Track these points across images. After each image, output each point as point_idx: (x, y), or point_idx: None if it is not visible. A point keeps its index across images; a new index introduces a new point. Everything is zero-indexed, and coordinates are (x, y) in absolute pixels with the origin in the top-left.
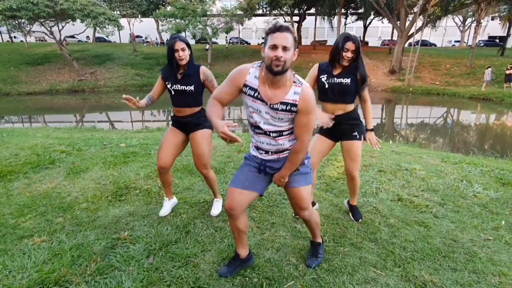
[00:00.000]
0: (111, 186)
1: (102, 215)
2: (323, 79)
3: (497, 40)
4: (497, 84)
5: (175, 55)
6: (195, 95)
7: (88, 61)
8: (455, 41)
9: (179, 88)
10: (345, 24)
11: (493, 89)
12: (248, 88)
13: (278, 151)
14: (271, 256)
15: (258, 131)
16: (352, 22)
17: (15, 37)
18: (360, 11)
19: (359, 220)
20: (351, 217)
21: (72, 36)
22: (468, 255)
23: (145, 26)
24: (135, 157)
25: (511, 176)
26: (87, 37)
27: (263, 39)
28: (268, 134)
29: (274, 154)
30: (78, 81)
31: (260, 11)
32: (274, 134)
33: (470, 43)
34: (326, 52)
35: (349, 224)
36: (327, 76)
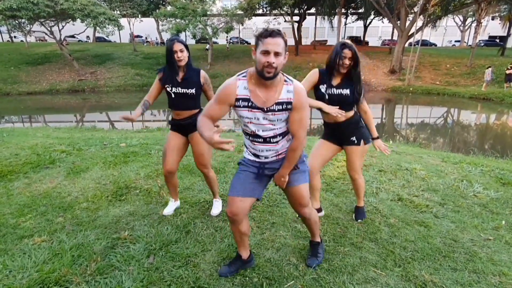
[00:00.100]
0: (111, 185)
1: (103, 215)
2: (323, 90)
3: (497, 40)
4: (497, 84)
5: (174, 56)
6: (195, 98)
7: (88, 61)
8: (456, 41)
9: (180, 91)
10: (345, 24)
11: (493, 89)
12: (240, 100)
13: (278, 153)
14: (271, 256)
15: (257, 140)
16: (352, 22)
17: (15, 37)
18: (360, 11)
19: (358, 220)
20: (354, 217)
21: (72, 36)
22: (469, 255)
23: (145, 26)
24: (135, 157)
25: (511, 176)
26: (87, 37)
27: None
28: (268, 141)
29: (274, 156)
30: (78, 81)
31: (260, 11)
32: (274, 139)
33: (470, 43)
34: (327, 52)
35: (349, 224)
36: (326, 86)
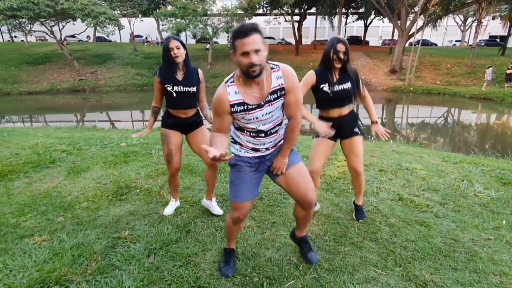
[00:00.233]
0: (111, 185)
1: (103, 215)
2: (325, 89)
3: (498, 40)
4: (498, 84)
5: (171, 53)
6: (195, 96)
7: (88, 60)
8: (456, 40)
9: (182, 90)
10: (345, 24)
11: (494, 88)
12: (236, 106)
13: (276, 142)
14: (271, 255)
15: (260, 135)
16: (353, 22)
17: (15, 36)
18: (360, 10)
19: (360, 220)
20: (354, 216)
21: (73, 36)
22: (469, 254)
23: (145, 26)
24: (135, 156)
25: None
26: (88, 36)
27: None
28: (270, 133)
29: (273, 147)
30: (79, 80)
31: (261, 11)
32: (274, 130)
33: (471, 42)
34: None
35: (349, 223)
36: (328, 85)
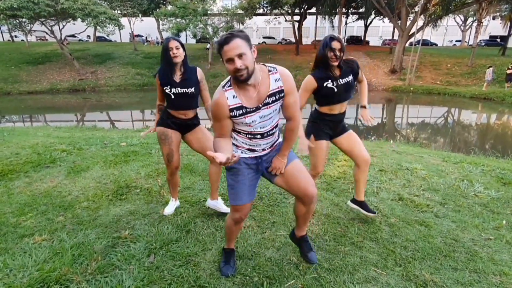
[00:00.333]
0: (111, 185)
1: (103, 214)
2: (330, 85)
3: (498, 40)
4: (498, 84)
5: (170, 53)
6: (195, 97)
7: (88, 60)
8: (456, 40)
9: (180, 91)
10: (346, 24)
11: (494, 88)
12: (235, 110)
13: (273, 144)
14: (271, 255)
15: (257, 137)
16: (353, 22)
17: (16, 36)
18: (361, 10)
19: (376, 213)
20: (366, 213)
21: (73, 35)
22: (469, 254)
23: (145, 25)
24: (135, 156)
25: None
26: (88, 36)
27: (264, 38)
28: (267, 135)
29: (269, 148)
30: (79, 80)
31: (261, 11)
32: (271, 131)
33: (471, 42)
34: None
35: (349, 223)
36: (331, 81)
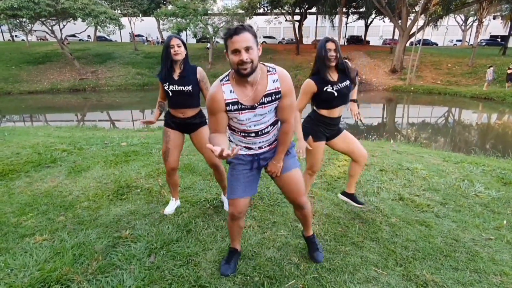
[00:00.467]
0: (112, 185)
1: (104, 214)
2: (329, 89)
3: (498, 39)
4: (498, 84)
5: (171, 51)
6: (193, 96)
7: (89, 60)
8: (457, 40)
9: (177, 89)
10: (346, 23)
11: (494, 88)
12: (230, 105)
13: (271, 142)
14: (272, 255)
15: (251, 135)
16: (354, 21)
17: (16, 36)
18: (361, 10)
19: (365, 204)
20: (356, 204)
21: (73, 35)
22: (470, 254)
23: (146, 25)
24: (136, 156)
25: None
26: (88, 36)
27: (264, 38)
28: (261, 133)
29: (267, 146)
30: (79, 80)
31: (261, 10)
32: (266, 130)
33: (471, 42)
34: None
35: (350, 223)
36: (331, 85)
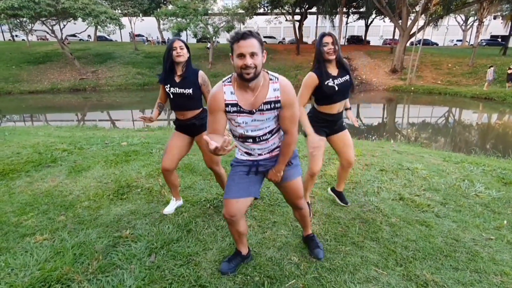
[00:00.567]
0: (112, 184)
1: (104, 214)
2: (330, 84)
3: (499, 39)
4: (499, 84)
5: (173, 53)
6: (193, 98)
7: (89, 60)
8: (457, 40)
9: (178, 91)
10: (346, 23)
11: (495, 88)
12: (230, 106)
13: (271, 150)
14: (272, 254)
15: (248, 141)
16: (354, 21)
17: (16, 35)
18: (361, 10)
19: (349, 204)
20: (340, 202)
21: (74, 35)
22: (470, 254)
23: (146, 25)
24: (136, 155)
25: None
26: (89, 35)
27: (264, 37)
28: (259, 140)
29: (267, 154)
30: (80, 80)
31: (262, 10)
32: (264, 137)
33: (472, 42)
34: None
35: (350, 223)
36: (332, 79)
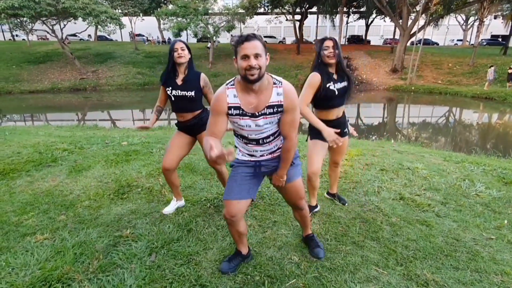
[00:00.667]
0: (113, 184)
1: (104, 213)
2: (331, 87)
3: (499, 39)
4: (499, 83)
5: (174, 54)
6: (195, 101)
7: (89, 59)
8: (458, 40)
9: (180, 94)
10: (347, 23)
11: (495, 88)
12: (232, 109)
13: (272, 151)
14: (272, 254)
15: (252, 143)
16: (354, 21)
17: (17, 35)
18: (362, 9)
19: (347, 204)
20: (339, 203)
21: (74, 35)
22: (471, 254)
23: (146, 25)
24: (137, 155)
25: None
26: (89, 35)
27: (265, 37)
28: (262, 142)
29: (268, 155)
30: (80, 79)
31: (262, 10)
32: (267, 139)
33: (472, 42)
34: None
35: (350, 222)
36: (333, 83)
